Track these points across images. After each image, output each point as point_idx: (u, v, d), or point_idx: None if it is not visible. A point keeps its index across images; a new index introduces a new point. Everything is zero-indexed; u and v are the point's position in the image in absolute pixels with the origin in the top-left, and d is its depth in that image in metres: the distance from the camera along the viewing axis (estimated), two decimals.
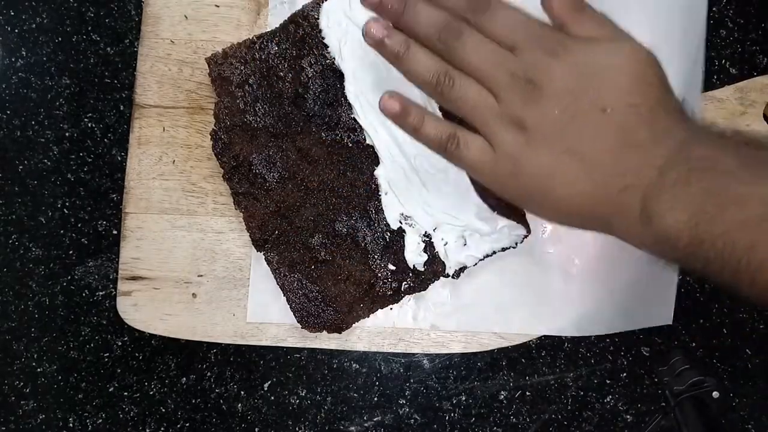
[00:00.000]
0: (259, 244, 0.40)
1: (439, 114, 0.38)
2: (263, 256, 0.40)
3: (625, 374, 0.42)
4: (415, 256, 0.39)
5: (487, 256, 0.39)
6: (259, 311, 0.41)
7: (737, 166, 0.28)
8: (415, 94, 0.36)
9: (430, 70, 0.34)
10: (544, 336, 0.41)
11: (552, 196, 0.33)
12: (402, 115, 0.35)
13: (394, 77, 0.36)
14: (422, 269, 0.39)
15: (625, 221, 0.32)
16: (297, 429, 0.42)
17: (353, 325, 0.40)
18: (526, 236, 0.39)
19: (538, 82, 0.33)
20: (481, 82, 0.34)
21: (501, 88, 0.34)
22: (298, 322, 0.40)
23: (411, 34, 0.36)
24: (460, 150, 0.35)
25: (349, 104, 0.39)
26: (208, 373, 0.42)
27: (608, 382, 0.42)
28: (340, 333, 0.40)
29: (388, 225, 0.39)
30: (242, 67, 0.39)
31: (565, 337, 0.42)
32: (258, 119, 0.39)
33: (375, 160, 0.39)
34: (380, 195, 0.39)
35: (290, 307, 0.40)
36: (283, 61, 0.39)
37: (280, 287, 0.40)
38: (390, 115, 0.35)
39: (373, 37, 0.35)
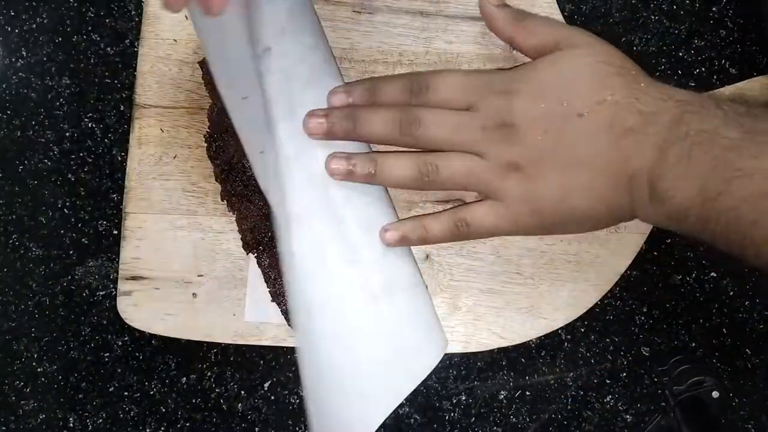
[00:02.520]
0: (250, 246, 0.40)
1: None
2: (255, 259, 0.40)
3: (625, 374, 0.42)
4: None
5: None
6: (258, 310, 0.41)
7: (739, 139, 0.28)
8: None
9: (410, 169, 0.35)
10: (544, 336, 0.41)
11: (577, 213, 0.33)
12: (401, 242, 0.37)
13: None
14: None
15: (641, 205, 0.32)
16: (297, 429, 0.42)
17: None
18: None
19: (509, 122, 0.33)
20: (460, 150, 0.34)
21: (480, 145, 0.34)
22: (289, 325, 0.40)
23: (372, 142, 0.37)
24: (472, 228, 0.35)
25: None
26: (208, 373, 0.42)
27: (608, 381, 0.42)
28: None
29: None
30: None
31: (565, 336, 0.42)
32: None
33: None
34: None
35: (280, 310, 0.40)
36: None
37: (270, 292, 0.40)
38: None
39: (339, 172, 0.35)
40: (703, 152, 0.29)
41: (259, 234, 0.39)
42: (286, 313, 0.39)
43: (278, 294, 0.39)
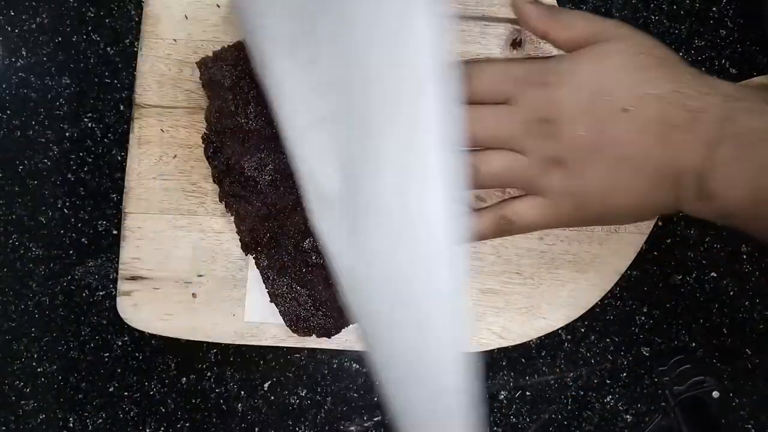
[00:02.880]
0: (249, 247, 0.40)
1: None
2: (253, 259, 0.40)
3: (625, 374, 0.42)
4: None
5: None
6: (257, 311, 0.41)
7: None
8: None
9: None
10: (544, 336, 0.41)
11: (620, 207, 0.33)
12: None
13: None
14: None
15: (687, 201, 0.31)
16: (297, 429, 0.42)
17: (342, 330, 0.40)
18: None
19: (550, 117, 0.32)
20: (500, 147, 0.34)
21: (520, 142, 0.33)
22: (288, 325, 0.40)
23: None
24: (514, 223, 0.35)
25: None
26: (208, 373, 0.42)
27: (608, 382, 0.42)
28: (329, 337, 0.40)
29: None
30: (233, 70, 0.39)
31: (565, 336, 0.42)
32: (250, 122, 0.39)
33: None
34: None
35: (279, 311, 0.40)
36: None
37: (268, 292, 0.40)
38: None
39: None
40: (754, 152, 0.28)
41: (258, 235, 0.39)
42: (284, 314, 0.39)
43: (277, 294, 0.39)
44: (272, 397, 0.42)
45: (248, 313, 0.41)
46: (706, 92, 0.30)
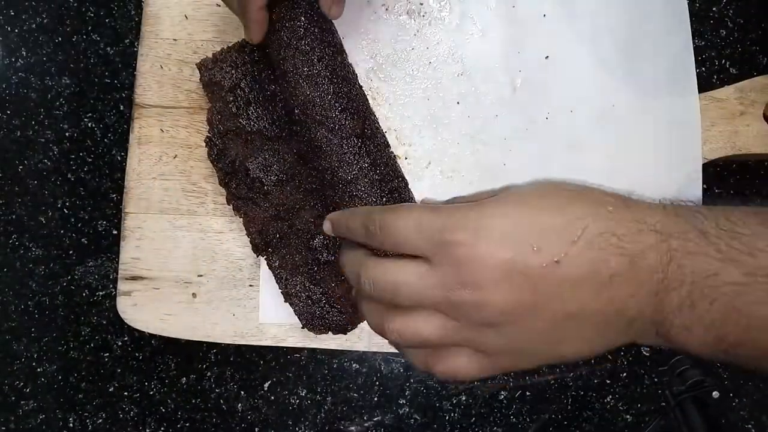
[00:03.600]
0: (260, 249, 0.40)
1: None
2: (264, 260, 0.40)
3: (625, 374, 0.42)
4: None
5: None
6: (272, 312, 0.41)
7: (743, 284, 0.26)
8: None
9: (374, 326, 0.32)
10: None
11: (568, 355, 0.30)
12: None
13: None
14: None
15: (647, 341, 0.29)
16: (297, 429, 0.42)
17: (357, 325, 0.40)
18: None
19: (472, 280, 0.28)
20: (424, 308, 0.30)
21: (445, 307, 0.29)
22: (303, 324, 0.39)
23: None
24: (450, 379, 0.31)
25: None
26: (208, 373, 0.42)
27: (608, 382, 0.42)
28: (345, 333, 0.40)
29: None
30: (233, 71, 0.38)
31: None
32: (251, 123, 0.39)
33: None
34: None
35: (294, 311, 0.39)
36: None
37: (282, 292, 0.39)
38: None
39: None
40: (708, 300, 0.26)
41: (267, 236, 0.39)
42: (299, 313, 0.39)
43: (291, 294, 0.39)
44: (272, 397, 0.42)
45: (262, 315, 0.41)
46: (637, 228, 0.27)
